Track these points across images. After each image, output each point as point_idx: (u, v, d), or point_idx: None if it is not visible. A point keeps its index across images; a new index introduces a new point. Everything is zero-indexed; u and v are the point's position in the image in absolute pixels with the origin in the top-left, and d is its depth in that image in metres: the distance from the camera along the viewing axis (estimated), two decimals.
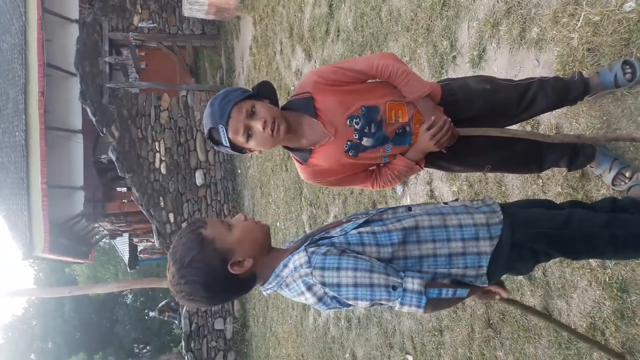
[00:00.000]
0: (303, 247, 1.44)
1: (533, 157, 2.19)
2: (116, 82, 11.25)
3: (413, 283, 1.39)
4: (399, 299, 1.40)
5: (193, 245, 1.40)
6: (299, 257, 1.43)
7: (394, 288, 1.38)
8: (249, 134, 1.75)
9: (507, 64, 2.88)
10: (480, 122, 1.95)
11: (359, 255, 1.40)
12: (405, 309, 1.42)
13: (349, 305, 1.46)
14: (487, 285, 1.55)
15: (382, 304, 1.43)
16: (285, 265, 1.47)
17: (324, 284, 1.37)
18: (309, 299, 1.44)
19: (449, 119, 1.81)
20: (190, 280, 1.40)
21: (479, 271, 1.51)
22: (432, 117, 1.82)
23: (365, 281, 1.36)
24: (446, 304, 1.48)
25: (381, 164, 2.01)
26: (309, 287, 1.41)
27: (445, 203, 1.64)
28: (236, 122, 1.72)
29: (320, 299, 1.43)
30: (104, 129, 10.46)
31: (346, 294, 1.39)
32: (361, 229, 1.47)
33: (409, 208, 1.61)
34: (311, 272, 1.38)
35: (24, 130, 10.93)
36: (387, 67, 1.85)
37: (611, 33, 2.24)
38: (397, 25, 4.08)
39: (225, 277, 1.42)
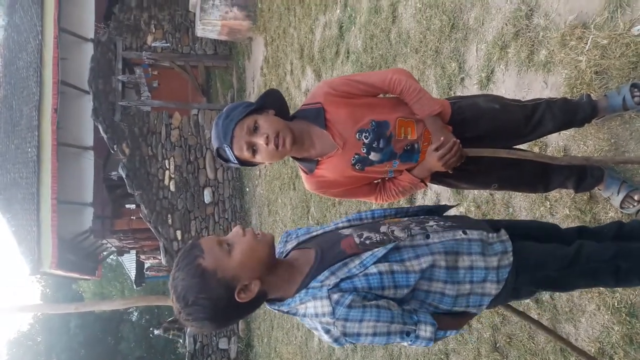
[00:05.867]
0: (326, 293, 1.40)
1: (540, 178, 2.18)
2: (128, 100, 11.41)
3: (426, 331, 1.43)
4: (410, 342, 1.45)
5: (193, 281, 1.34)
6: (322, 305, 1.39)
7: (408, 334, 1.42)
8: (253, 149, 1.76)
9: (515, 86, 2.89)
10: (487, 141, 1.95)
11: (380, 304, 1.41)
12: (412, 347, 1.48)
13: None
14: (479, 312, 1.62)
15: None
16: (302, 302, 1.44)
17: (344, 334, 1.38)
18: (323, 336, 1.43)
19: (458, 140, 1.80)
20: (198, 318, 1.37)
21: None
22: (442, 138, 1.81)
23: (383, 330, 1.39)
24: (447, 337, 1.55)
25: (386, 178, 2.01)
26: (327, 331, 1.41)
27: (465, 232, 1.58)
28: (240, 140, 1.73)
29: (335, 340, 1.42)
30: (115, 146, 10.56)
31: (363, 341, 1.41)
32: (380, 267, 1.44)
33: (427, 236, 1.55)
34: (334, 323, 1.37)
35: (36, 146, 11.09)
36: (400, 82, 1.85)
37: (619, 56, 2.24)
38: (406, 47, 4.11)
39: (233, 305, 1.39)
